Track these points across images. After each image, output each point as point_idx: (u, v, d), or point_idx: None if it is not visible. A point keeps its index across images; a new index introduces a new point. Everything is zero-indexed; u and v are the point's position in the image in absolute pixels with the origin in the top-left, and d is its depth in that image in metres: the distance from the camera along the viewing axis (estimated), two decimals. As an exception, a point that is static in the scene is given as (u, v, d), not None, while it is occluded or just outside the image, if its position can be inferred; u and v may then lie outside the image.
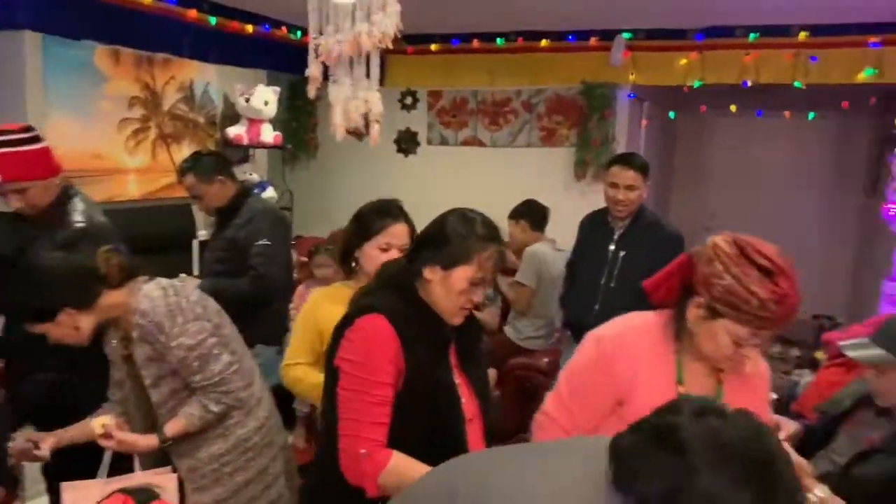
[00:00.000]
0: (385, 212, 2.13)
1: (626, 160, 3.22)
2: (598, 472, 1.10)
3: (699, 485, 1.02)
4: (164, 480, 1.98)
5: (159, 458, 2.07)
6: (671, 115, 6.17)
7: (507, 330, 4.15)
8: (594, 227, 3.36)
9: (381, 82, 5.93)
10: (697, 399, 1.12)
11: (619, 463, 1.10)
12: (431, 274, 1.59)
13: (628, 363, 1.59)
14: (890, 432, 1.99)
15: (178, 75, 4.63)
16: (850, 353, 2.00)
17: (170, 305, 1.95)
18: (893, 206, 3.86)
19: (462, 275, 1.57)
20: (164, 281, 2.04)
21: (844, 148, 6.70)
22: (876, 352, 1.95)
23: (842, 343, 2.06)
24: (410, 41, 5.63)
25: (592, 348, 1.66)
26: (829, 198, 6.87)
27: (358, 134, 4.57)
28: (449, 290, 1.58)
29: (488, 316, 4.13)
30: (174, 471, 2.02)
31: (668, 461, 1.05)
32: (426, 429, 1.58)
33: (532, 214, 4.10)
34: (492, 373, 3.77)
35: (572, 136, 5.49)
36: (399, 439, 1.54)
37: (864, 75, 4.55)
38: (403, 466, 1.51)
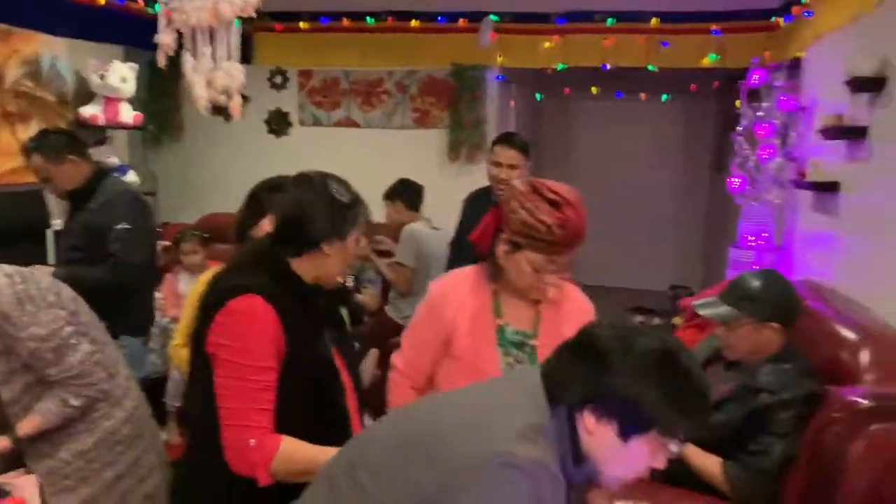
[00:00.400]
0: (278, 188, 2.06)
1: (508, 140, 3.28)
2: (535, 395, 1.23)
3: (616, 384, 1.17)
4: (20, 482, 1.85)
5: (12, 462, 1.92)
6: (538, 97, 6.38)
7: (388, 310, 4.16)
8: (478, 205, 3.42)
9: (249, 60, 5.72)
10: (612, 322, 1.27)
11: (549, 381, 1.23)
12: (330, 248, 1.57)
13: (452, 303, 1.78)
14: (738, 383, 2.18)
15: (21, 48, 4.26)
16: (702, 312, 2.18)
17: (17, 293, 1.80)
18: (736, 180, 4.19)
19: (353, 239, 1.61)
20: (8, 268, 1.87)
21: (694, 128, 7.20)
22: (723, 309, 2.14)
23: (694, 303, 2.23)
24: (278, 18, 5.48)
25: (424, 300, 1.86)
26: (681, 175, 7.36)
27: (223, 112, 4.38)
28: (343, 257, 1.61)
29: (368, 298, 4.13)
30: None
31: (588, 369, 1.20)
32: (312, 406, 1.55)
33: (407, 194, 4.11)
34: (374, 352, 3.78)
35: (445, 117, 5.56)
36: (285, 419, 1.51)
37: (708, 60, 4.89)
38: (293, 450, 1.49)
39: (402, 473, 1.22)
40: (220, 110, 3.00)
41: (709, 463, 2.13)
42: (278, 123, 5.85)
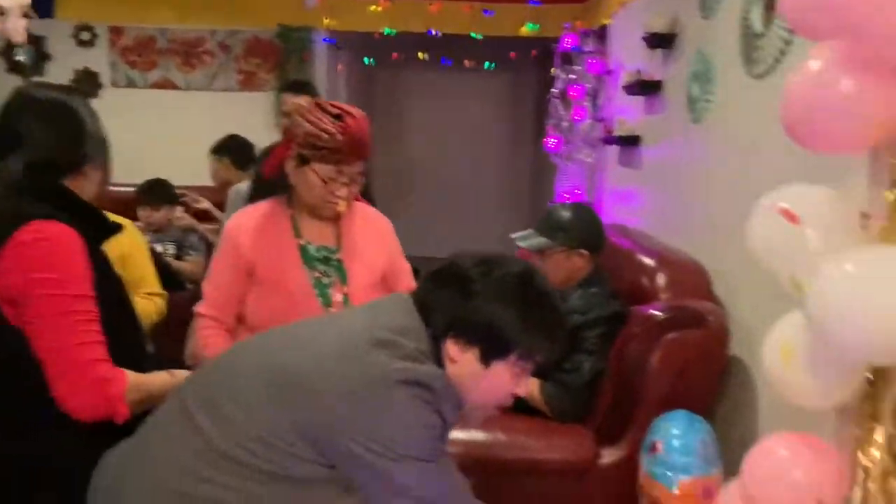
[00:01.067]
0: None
1: (296, 87, 3.16)
2: (415, 321, 1.27)
3: (476, 308, 1.23)
4: None
5: None
6: (367, 61, 6.39)
7: (214, 274, 4.01)
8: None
9: (50, 13, 5.21)
10: (474, 252, 1.32)
11: (420, 306, 1.28)
12: (93, 171, 1.47)
13: (247, 233, 1.82)
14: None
15: None
16: (520, 243, 2.33)
17: None
18: (552, 140, 4.47)
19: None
20: None
21: (518, 95, 7.53)
22: (538, 239, 2.30)
23: (513, 235, 2.38)
24: (83, -31, 5.07)
25: (220, 241, 1.89)
26: (508, 140, 7.69)
27: (21, 68, 3.98)
28: (97, 182, 1.50)
29: (192, 265, 3.94)
30: None
31: (450, 295, 1.25)
32: (121, 333, 1.43)
33: (236, 151, 3.93)
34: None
35: (272, 79, 5.42)
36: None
37: (526, 29, 5.15)
38: (138, 378, 1.39)
39: (278, 406, 1.20)
40: (17, 67, 2.73)
41: (529, 385, 2.28)
42: (86, 84, 5.41)
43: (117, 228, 1.52)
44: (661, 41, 3.03)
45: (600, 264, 2.36)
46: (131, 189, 3.64)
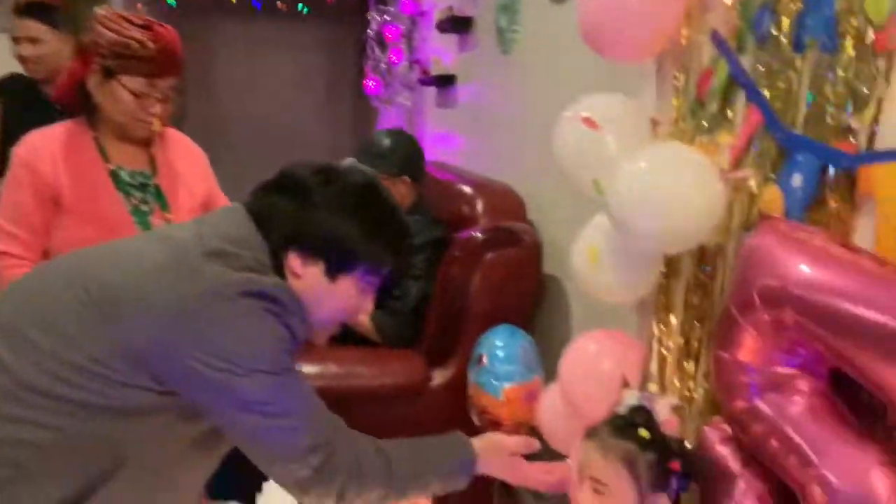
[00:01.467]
0: None
1: (25, 9, 2.95)
2: (252, 233, 1.18)
3: (319, 220, 1.17)
4: None
5: None
6: (170, 2, 5.95)
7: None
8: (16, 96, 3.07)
9: None
10: (310, 161, 1.25)
11: (255, 217, 1.19)
12: None
13: (47, 158, 1.65)
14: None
15: None
16: (343, 174, 2.31)
17: None
18: (371, 82, 4.45)
19: None
20: None
21: (334, 38, 7.33)
22: (363, 168, 2.29)
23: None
24: None
25: (11, 168, 1.69)
26: (326, 86, 7.47)
27: None
28: None
29: None
30: None
31: (290, 206, 1.18)
32: None
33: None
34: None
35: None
36: None
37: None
38: None
39: (98, 328, 1.09)
40: None
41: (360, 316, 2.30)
42: None
43: None
44: (471, -24, 3.08)
45: (422, 192, 2.40)
46: None
